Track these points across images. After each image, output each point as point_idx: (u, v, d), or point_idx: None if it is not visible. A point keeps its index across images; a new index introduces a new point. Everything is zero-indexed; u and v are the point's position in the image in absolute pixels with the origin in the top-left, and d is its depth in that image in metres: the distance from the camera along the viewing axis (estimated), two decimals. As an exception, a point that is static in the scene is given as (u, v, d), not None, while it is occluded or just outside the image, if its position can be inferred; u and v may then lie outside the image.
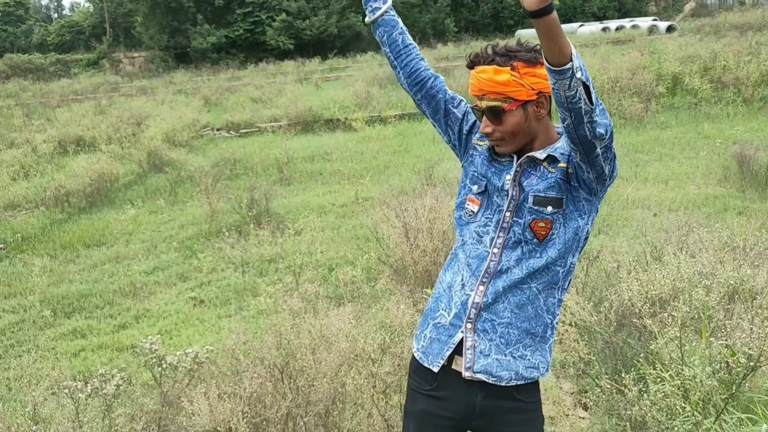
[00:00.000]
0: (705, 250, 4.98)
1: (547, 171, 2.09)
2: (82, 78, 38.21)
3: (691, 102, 14.61)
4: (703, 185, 9.41)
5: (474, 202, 2.20)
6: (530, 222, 2.08)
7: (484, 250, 2.14)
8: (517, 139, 2.09)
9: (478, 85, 2.07)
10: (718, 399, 3.17)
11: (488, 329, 2.12)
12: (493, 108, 2.06)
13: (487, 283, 2.12)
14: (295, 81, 28.47)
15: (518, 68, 2.01)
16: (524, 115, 2.06)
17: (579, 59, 1.79)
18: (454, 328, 2.16)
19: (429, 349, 2.21)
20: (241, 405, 3.44)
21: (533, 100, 2.06)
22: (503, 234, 2.12)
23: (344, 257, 7.69)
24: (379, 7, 2.30)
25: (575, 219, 2.10)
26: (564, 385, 4.72)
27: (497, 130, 2.09)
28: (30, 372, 5.43)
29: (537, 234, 2.09)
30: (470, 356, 2.13)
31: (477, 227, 2.18)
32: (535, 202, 2.08)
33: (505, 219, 2.12)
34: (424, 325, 2.27)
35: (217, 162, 13.19)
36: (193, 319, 6.72)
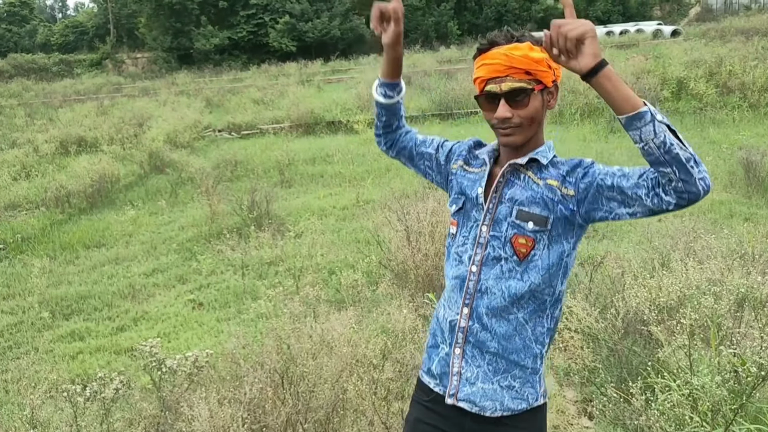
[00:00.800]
0: (713, 257, 4.92)
1: (531, 181, 2.01)
2: (85, 78, 38.24)
3: (697, 107, 14.54)
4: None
5: (453, 224, 2.15)
6: (511, 237, 1.99)
7: (464, 269, 2.07)
8: (533, 126, 2.01)
9: (507, 62, 1.93)
10: (727, 409, 3.11)
11: (476, 355, 2.06)
12: (519, 90, 1.95)
13: (470, 304, 2.05)
14: (297, 83, 28.45)
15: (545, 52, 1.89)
16: (541, 102, 2.00)
17: (653, 106, 1.72)
18: (449, 356, 2.13)
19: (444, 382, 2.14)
20: (241, 411, 3.39)
21: (549, 88, 2.02)
22: (480, 250, 2.04)
23: (345, 261, 7.63)
24: (393, 96, 2.28)
25: (561, 242, 2.00)
26: (568, 393, 4.66)
27: (517, 115, 1.97)
28: (28, 375, 5.38)
29: (517, 251, 1.99)
30: (456, 382, 2.08)
31: (456, 248, 2.12)
32: (518, 216, 1.99)
33: (482, 234, 2.04)
34: (429, 362, 2.22)
35: (218, 163, 13.15)
36: (191, 321, 6.66)
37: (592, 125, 14.03)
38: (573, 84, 15.56)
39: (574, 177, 1.96)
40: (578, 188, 1.94)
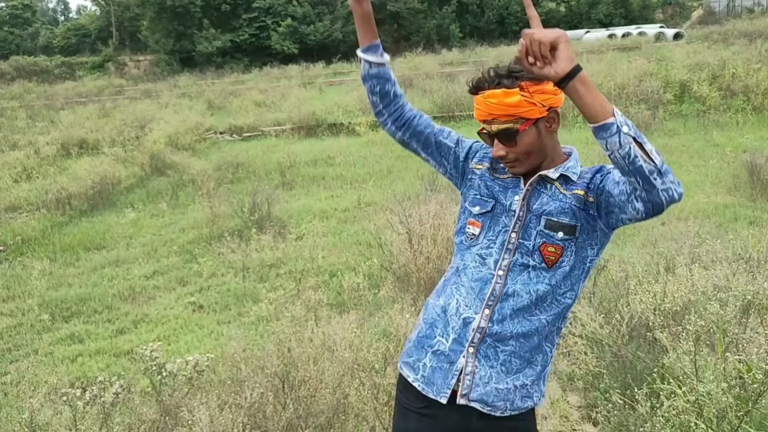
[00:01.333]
0: (718, 262, 4.89)
1: (559, 191, 2.06)
2: (87, 81, 38.28)
3: (700, 110, 14.51)
4: (713, 194, 9.30)
5: (475, 225, 2.15)
6: (540, 245, 2.04)
7: (488, 272, 2.09)
8: (531, 159, 2.06)
9: (486, 109, 2.03)
10: (732, 416, 3.08)
11: (491, 355, 2.07)
12: (506, 131, 2.02)
13: (493, 306, 2.06)
14: (299, 85, 28.47)
15: (527, 88, 1.97)
16: (537, 133, 2.04)
17: (622, 116, 1.77)
18: (455, 353, 2.09)
19: (432, 379, 2.12)
20: (241, 415, 3.35)
21: (544, 117, 2.03)
22: (509, 256, 2.06)
23: (346, 263, 7.60)
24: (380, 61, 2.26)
25: (586, 248, 2.06)
26: (571, 398, 4.62)
27: (511, 152, 2.05)
28: (27, 378, 5.34)
29: (546, 259, 2.04)
30: (468, 382, 2.07)
31: (479, 249, 2.12)
32: (547, 226, 2.04)
33: (511, 240, 2.07)
34: (420, 352, 2.17)
35: (219, 165, 13.13)
36: (192, 324, 6.63)
37: (595, 128, 14.01)
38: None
39: (594, 184, 2.02)
40: (597, 194, 2.00)
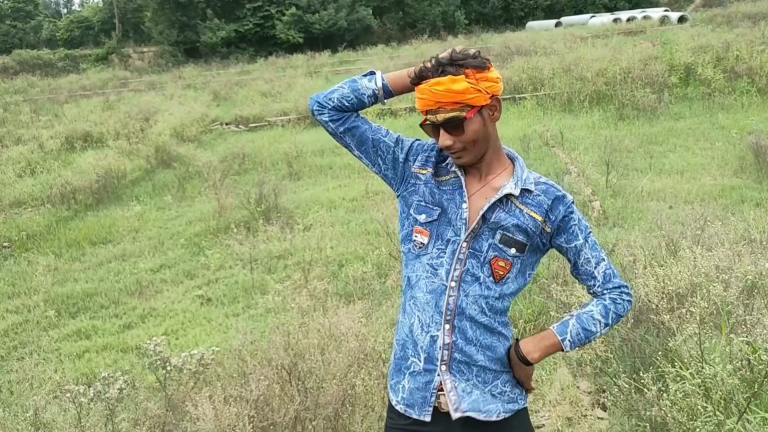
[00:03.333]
0: (722, 244, 4.85)
1: (516, 207, 2.08)
2: (91, 73, 38.21)
3: (705, 92, 14.42)
4: (719, 176, 9.25)
5: (422, 234, 2.13)
6: (491, 258, 2.07)
7: (440, 283, 2.08)
8: (477, 147, 2.06)
9: (433, 98, 2.00)
10: (740, 398, 3.06)
11: (464, 370, 2.08)
12: (453, 119, 2.01)
13: (451, 320, 2.06)
14: (304, 74, 28.38)
15: (472, 75, 1.98)
16: (482, 121, 2.04)
17: (570, 342, 2.07)
18: (430, 373, 2.09)
19: (412, 400, 2.12)
20: (247, 409, 3.36)
21: (488, 105, 2.04)
22: (460, 266, 2.07)
23: (354, 253, 7.58)
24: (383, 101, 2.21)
25: (529, 265, 2.14)
26: (581, 384, 4.61)
27: (458, 141, 2.04)
28: (32, 375, 5.34)
29: (495, 273, 2.07)
30: (454, 397, 2.07)
31: (430, 259, 2.11)
32: (501, 240, 2.07)
33: (462, 249, 2.07)
34: (398, 375, 2.17)
35: (225, 157, 13.10)
36: (200, 318, 6.63)
37: (601, 112, 13.94)
38: (581, 71, 15.47)
39: (554, 215, 2.10)
40: (555, 227, 2.10)
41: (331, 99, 2.16)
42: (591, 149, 10.69)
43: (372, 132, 2.20)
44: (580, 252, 2.12)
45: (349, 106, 2.16)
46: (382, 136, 2.20)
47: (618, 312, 2.11)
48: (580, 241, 2.11)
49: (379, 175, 2.24)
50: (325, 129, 2.22)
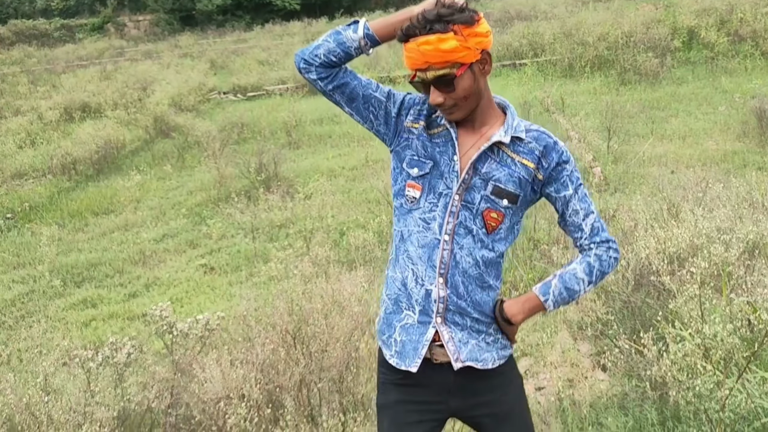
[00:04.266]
0: (723, 206, 4.87)
1: (507, 156, 2.05)
2: (87, 43, 37.78)
3: (708, 56, 14.29)
4: (722, 141, 9.24)
5: (415, 188, 2.09)
6: (483, 210, 2.05)
7: (433, 237, 2.06)
8: (468, 102, 2.02)
9: (421, 57, 1.94)
10: (740, 357, 3.09)
11: (458, 321, 2.08)
12: (443, 77, 1.96)
13: (445, 274, 2.05)
14: (302, 42, 28.03)
15: (461, 31, 1.92)
16: (472, 76, 1.99)
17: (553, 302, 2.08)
18: (424, 325, 2.09)
19: (403, 353, 2.11)
20: (253, 371, 3.40)
21: (478, 60, 1.99)
22: (453, 219, 2.04)
23: (355, 221, 7.61)
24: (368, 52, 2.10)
25: (519, 215, 2.13)
26: (582, 347, 4.66)
27: (449, 98, 1.99)
28: (41, 342, 5.40)
29: (487, 224, 2.05)
30: (452, 347, 2.08)
31: (422, 213, 2.08)
32: (494, 192, 2.04)
33: (454, 203, 2.05)
34: (390, 329, 2.15)
35: (224, 126, 13.04)
36: (203, 286, 6.68)
37: (603, 78, 13.86)
38: (582, 36, 15.34)
39: (547, 163, 2.06)
40: (547, 176, 2.07)
41: (317, 55, 2.07)
42: (592, 115, 10.66)
43: (362, 87, 2.13)
44: (568, 203, 2.09)
45: (336, 61, 2.07)
46: (373, 90, 2.14)
47: (603, 269, 2.10)
48: (570, 192, 2.08)
49: (371, 130, 2.21)
50: (314, 86, 2.15)
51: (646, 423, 3.45)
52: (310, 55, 2.07)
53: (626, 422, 3.54)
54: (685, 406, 3.31)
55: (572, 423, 3.71)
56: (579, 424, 3.69)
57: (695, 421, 3.25)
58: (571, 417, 3.76)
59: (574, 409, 3.84)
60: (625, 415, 3.61)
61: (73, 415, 3.37)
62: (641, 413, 3.56)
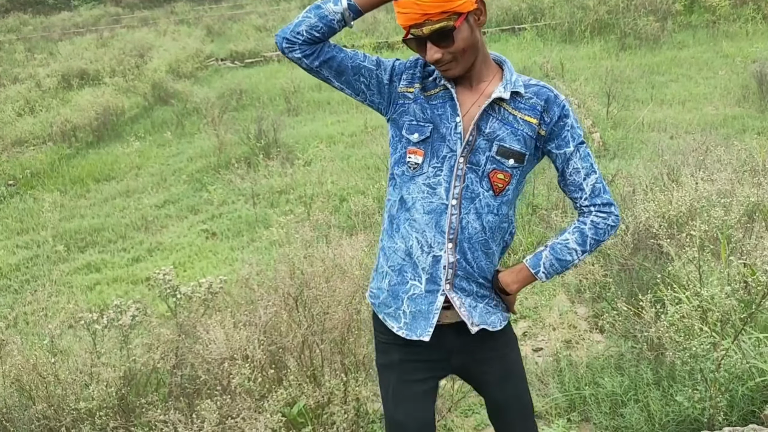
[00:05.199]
0: (723, 170, 4.89)
1: (509, 113, 1.99)
2: (83, 10, 37.37)
3: (709, 20, 14.16)
4: (722, 106, 9.22)
5: (417, 153, 2.03)
6: (489, 172, 2.00)
7: (440, 202, 2.01)
8: (467, 56, 1.95)
9: (419, 10, 1.86)
10: (736, 319, 3.14)
11: (465, 287, 2.08)
12: (441, 30, 1.88)
13: (454, 239, 2.02)
14: (299, 7, 27.75)
15: None
16: (470, 28, 1.92)
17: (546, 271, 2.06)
18: (433, 294, 2.06)
19: (414, 324, 2.09)
20: (257, 333, 3.45)
21: (473, 9, 1.92)
22: (459, 183, 2.00)
23: (355, 187, 7.63)
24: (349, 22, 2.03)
25: (525, 174, 2.09)
26: (579, 309, 4.72)
27: (447, 52, 1.92)
28: (46, 306, 5.48)
29: (494, 186, 2.01)
30: (465, 312, 2.08)
31: (426, 179, 2.02)
32: (499, 152, 1.99)
33: (459, 165, 1.99)
34: (396, 301, 2.11)
35: (222, 93, 13.00)
36: (205, 251, 6.74)
37: (603, 42, 13.75)
38: (582, 0, 15.18)
39: (549, 117, 2.00)
40: (549, 130, 2.02)
41: (299, 33, 1.98)
42: (591, 80, 10.61)
43: (349, 59, 2.05)
44: (569, 160, 2.02)
45: (319, 36, 1.99)
46: (361, 61, 2.06)
47: (598, 237, 2.04)
48: (571, 149, 2.02)
49: (365, 102, 2.12)
50: (299, 66, 2.06)
51: (642, 382, 3.51)
52: (292, 33, 1.99)
53: (622, 381, 3.60)
54: (681, 367, 3.37)
55: (569, 382, 3.78)
56: (576, 383, 3.76)
57: (690, 380, 3.31)
58: (568, 377, 3.83)
59: (571, 369, 3.91)
60: (620, 375, 3.67)
61: (79, 375, 3.43)
62: (637, 373, 3.62)
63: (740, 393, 3.17)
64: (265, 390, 3.31)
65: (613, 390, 3.57)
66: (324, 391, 3.33)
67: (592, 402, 3.59)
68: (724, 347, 3.08)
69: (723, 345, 3.09)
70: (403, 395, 2.16)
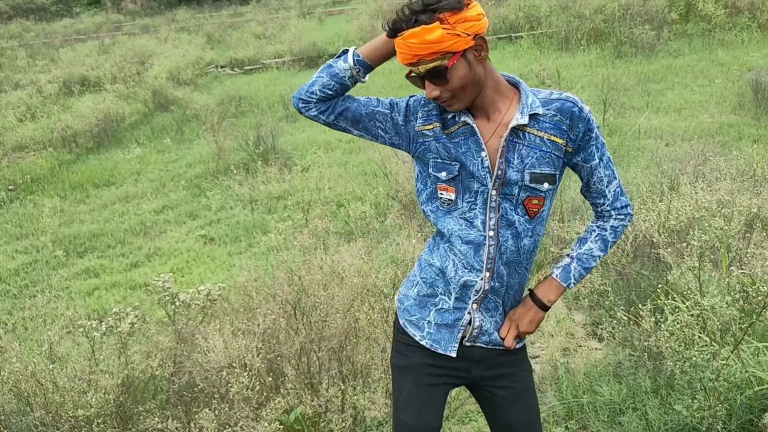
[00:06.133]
0: (722, 179, 4.90)
1: (535, 136, 1.98)
2: (85, 17, 37.49)
3: (705, 28, 14.18)
4: (717, 114, 9.24)
5: (448, 190, 2.06)
6: (524, 200, 2.02)
7: (478, 234, 2.04)
8: (467, 92, 1.94)
9: (410, 51, 1.88)
10: (736, 328, 3.14)
11: (491, 308, 2.13)
12: (434, 69, 1.89)
13: (492, 267, 2.06)
14: (298, 16, 27.85)
15: (447, 19, 1.83)
16: (467, 65, 1.91)
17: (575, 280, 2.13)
18: (460, 311, 2.12)
19: (438, 336, 2.16)
20: (255, 341, 3.45)
21: (471, 47, 1.90)
22: (494, 214, 2.02)
23: (353, 193, 7.64)
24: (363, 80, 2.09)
25: (556, 191, 2.11)
26: (576, 316, 4.72)
27: (445, 90, 1.93)
28: (45, 312, 5.48)
29: (529, 211, 2.03)
30: (475, 333, 2.14)
31: (462, 213, 2.06)
32: (532, 179, 1.99)
33: (492, 198, 2.01)
34: (423, 311, 2.17)
35: (222, 100, 13.03)
36: (204, 256, 6.74)
37: (599, 51, 13.78)
38: (579, 8, 15.23)
39: (575, 134, 2.01)
40: (576, 146, 2.03)
41: (313, 93, 2.05)
42: (588, 88, 10.63)
43: (363, 107, 2.09)
44: (594, 171, 2.07)
45: (333, 94, 2.06)
46: (374, 107, 2.09)
47: (615, 239, 2.13)
48: (596, 161, 2.05)
49: (387, 145, 2.14)
50: (317, 122, 2.13)
51: (640, 391, 3.51)
52: (307, 93, 2.06)
53: (620, 390, 3.59)
54: (680, 375, 3.36)
55: (567, 390, 3.78)
56: (573, 391, 3.75)
57: (689, 389, 3.30)
58: (566, 384, 3.83)
59: (568, 376, 3.90)
60: (619, 383, 3.67)
61: (78, 382, 3.43)
62: (635, 381, 3.62)
63: (739, 402, 3.17)
64: (263, 398, 3.31)
65: (611, 398, 3.56)
66: (321, 399, 3.33)
67: (590, 410, 3.58)
68: (724, 357, 3.07)
69: (723, 354, 3.08)
70: (416, 399, 2.19)
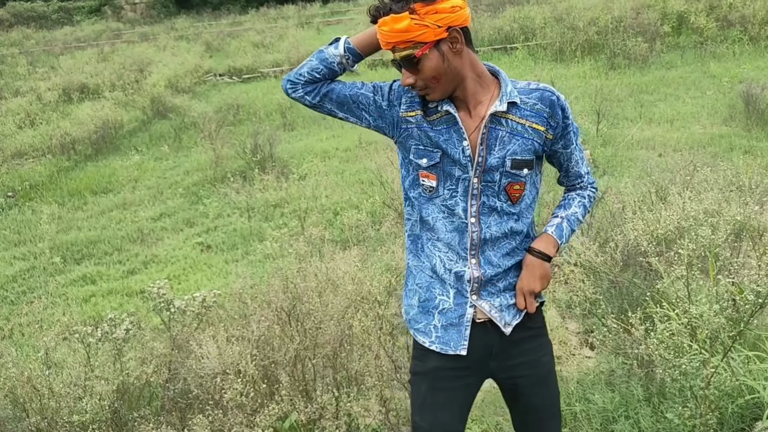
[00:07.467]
0: (710, 189, 4.94)
1: (516, 123, 2.02)
2: (85, 25, 37.58)
3: (697, 41, 14.27)
4: (709, 125, 9.30)
5: (429, 177, 2.07)
6: (506, 186, 2.04)
7: (460, 221, 2.07)
8: (442, 83, 1.97)
9: (384, 38, 1.94)
10: (725, 337, 3.17)
11: (491, 290, 2.12)
12: (406, 57, 1.94)
13: (476, 254, 2.08)
14: (296, 25, 27.97)
15: (416, 10, 1.87)
16: (440, 56, 1.93)
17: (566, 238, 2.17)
18: (461, 306, 2.12)
19: (446, 338, 2.14)
20: (249, 348, 3.47)
21: (444, 38, 1.92)
22: (475, 201, 2.04)
23: (349, 201, 7.68)
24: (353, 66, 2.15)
25: (538, 175, 2.15)
26: (570, 325, 4.75)
27: (418, 79, 1.97)
28: (42, 318, 5.50)
29: (511, 197, 2.06)
30: (497, 315, 2.12)
31: (443, 201, 2.08)
32: (513, 166, 2.03)
33: (473, 185, 2.03)
34: (426, 317, 2.17)
35: (220, 108, 13.07)
36: (200, 264, 6.77)
37: (593, 62, 13.86)
38: (573, 20, 15.33)
39: (555, 122, 2.06)
40: (556, 134, 2.08)
41: (301, 75, 2.10)
42: (582, 99, 10.70)
43: (348, 89, 2.12)
44: (572, 155, 2.16)
45: (320, 77, 2.10)
46: (358, 89, 2.12)
47: (590, 208, 2.27)
48: (573, 145, 2.14)
49: (370, 128, 2.17)
50: (303, 104, 2.15)
51: (632, 399, 3.53)
52: (295, 75, 2.12)
53: (613, 398, 3.61)
54: (671, 383, 3.38)
55: (560, 398, 3.80)
56: (566, 399, 3.77)
57: (680, 397, 3.32)
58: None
59: (561, 384, 3.91)
60: (611, 392, 3.69)
61: (73, 388, 3.44)
62: (627, 389, 3.63)
63: (730, 410, 3.19)
64: (257, 404, 3.32)
65: (604, 406, 3.58)
66: (315, 406, 3.35)
67: (583, 418, 3.60)
68: (714, 365, 3.10)
69: (712, 362, 3.11)
70: (430, 403, 2.17)
